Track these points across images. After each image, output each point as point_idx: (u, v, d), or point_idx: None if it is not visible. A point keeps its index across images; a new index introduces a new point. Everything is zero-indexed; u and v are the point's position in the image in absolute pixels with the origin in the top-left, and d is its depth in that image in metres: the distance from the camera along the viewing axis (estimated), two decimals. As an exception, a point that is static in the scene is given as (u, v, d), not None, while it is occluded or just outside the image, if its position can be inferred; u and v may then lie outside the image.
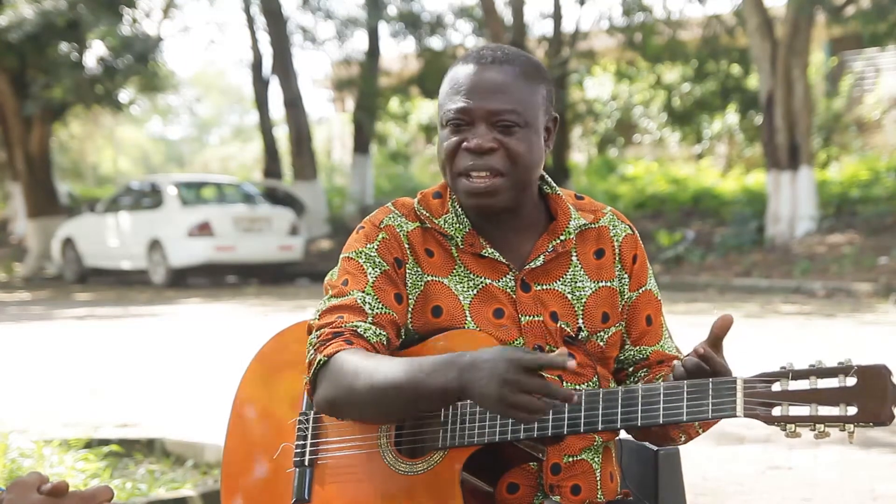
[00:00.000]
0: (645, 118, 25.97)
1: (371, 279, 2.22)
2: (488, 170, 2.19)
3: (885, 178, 19.18)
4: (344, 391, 2.09)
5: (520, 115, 2.19)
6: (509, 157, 2.19)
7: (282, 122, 27.87)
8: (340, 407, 2.12)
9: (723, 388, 2.00)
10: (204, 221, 18.52)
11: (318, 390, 2.14)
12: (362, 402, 2.08)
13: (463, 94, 2.21)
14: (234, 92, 52.51)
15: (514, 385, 1.92)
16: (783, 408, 1.95)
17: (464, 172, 2.21)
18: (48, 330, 12.63)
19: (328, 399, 2.12)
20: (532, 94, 2.22)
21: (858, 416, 1.92)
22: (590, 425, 2.06)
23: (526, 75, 2.22)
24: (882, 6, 16.98)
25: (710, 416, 1.99)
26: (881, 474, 5.46)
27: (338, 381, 2.10)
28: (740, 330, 10.89)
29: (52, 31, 20.03)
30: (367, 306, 2.19)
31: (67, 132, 31.97)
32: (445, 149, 2.23)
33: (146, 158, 47.79)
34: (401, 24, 23.33)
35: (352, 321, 2.17)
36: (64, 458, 4.85)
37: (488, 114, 2.19)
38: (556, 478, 2.23)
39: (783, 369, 1.98)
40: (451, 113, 2.21)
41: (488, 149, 2.19)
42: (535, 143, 2.22)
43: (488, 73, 2.21)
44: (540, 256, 2.27)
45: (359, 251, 2.25)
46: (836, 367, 1.96)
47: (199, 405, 7.53)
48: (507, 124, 2.19)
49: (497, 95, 2.19)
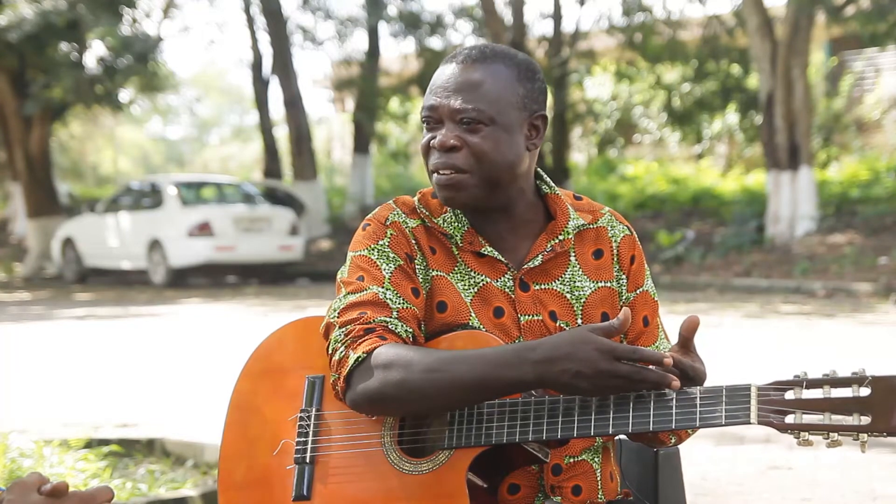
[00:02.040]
0: (645, 118, 25.96)
1: (387, 274, 2.21)
2: (451, 167, 2.20)
3: (885, 178, 19.18)
4: (394, 385, 2.07)
5: (483, 112, 2.19)
6: (473, 155, 2.20)
7: (282, 122, 27.85)
8: (388, 402, 2.09)
9: (737, 395, 2.00)
10: (204, 221, 18.52)
11: (358, 387, 2.11)
12: (419, 395, 2.07)
13: (433, 93, 2.23)
14: (234, 92, 52.51)
15: (607, 374, 1.97)
16: (796, 416, 1.96)
17: (433, 169, 2.23)
18: (48, 330, 12.63)
19: (373, 394, 2.09)
20: (506, 92, 2.21)
21: (872, 425, 1.93)
22: (600, 429, 2.05)
23: (502, 73, 2.22)
24: (882, 6, 16.98)
25: (723, 422, 1.99)
26: (881, 474, 5.46)
27: (386, 375, 2.08)
28: (741, 330, 10.89)
29: (52, 31, 20.02)
30: (390, 301, 2.18)
31: (67, 132, 31.96)
32: (422, 146, 2.27)
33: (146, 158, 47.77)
34: (401, 24, 23.32)
35: (379, 317, 2.16)
36: (64, 458, 4.85)
37: (451, 112, 2.20)
38: (556, 478, 2.23)
39: (797, 378, 1.99)
40: (423, 111, 2.25)
41: (450, 146, 2.20)
42: (504, 141, 2.21)
43: (460, 72, 2.22)
44: (538, 256, 2.27)
45: (371, 247, 2.24)
46: (851, 377, 1.96)
47: (199, 405, 7.53)
48: (469, 122, 2.19)
49: (462, 94, 2.20)
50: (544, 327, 2.24)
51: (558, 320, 2.25)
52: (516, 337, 2.23)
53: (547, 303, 2.26)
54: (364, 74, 23.93)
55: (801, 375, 1.99)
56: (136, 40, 20.70)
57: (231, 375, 2.43)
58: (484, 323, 2.22)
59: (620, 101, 25.96)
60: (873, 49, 21.59)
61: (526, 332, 2.23)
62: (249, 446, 2.32)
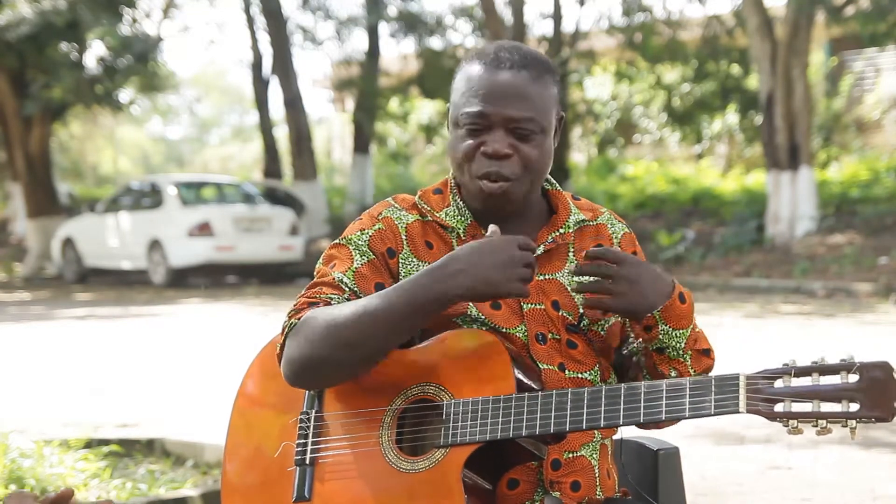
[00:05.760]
0: (645, 118, 25.97)
1: (356, 265, 2.26)
2: (503, 175, 2.22)
3: (885, 178, 19.18)
4: (318, 338, 2.12)
5: (537, 122, 2.22)
6: (522, 162, 2.23)
7: (282, 122, 27.86)
8: (312, 358, 2.13)
9: (725, 384, 2.01)
10: (204, 221, 18.52)
11: (288, 349, 2.17)
12: (340, 342, 2.10)
13: (480, 98, 2.22)
14: (234, 92, 52.50)
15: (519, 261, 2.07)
16: (785, 404, 1.96)
17: (483, 176, 2.23)
18: (48, 330, 12.63)
19: (298, 356, 2.14)
20: (546, 98, 2.25)
21: (861, 412, 1.93)
22: (592, 422, 2.07)
23: (541, 79, 2.24)
24: (882, 6, 16.99)
25: (712, 412, 2.00)
26: (881, 474, 5.46)
27: (312, 333, 2.13)
28: (741, 330, 10.89)
29: (52, 30, 20.02)
30: (344, 285, 2.23)
31: (67, 132, 31.96)
32: (462, 150, 2.25)
33: (146, 158, 47.78)
34: (401, 24, 23.33)
35: (327, 294, 2.22)
36: (64, 458, 4.85)
37: (506, 120, 2.21)
38: (556, 474, 2.23)
39: (786, 366, 1.99)
40: (467, 116, 2.23)
41: (504, 155, 2.22)
42: (548, 147, 2.26)
43: (505, 77, 2.22)
44: (541, 245, 2.30)
45: (349, 238, 2.30)
46: (839, 364, 1.97)
47: (199, 405, 7.54)
48: (525, 132, 2.22)
49: (515, 102, 2.21)
50: (546, 316, 2.26)
51: (561, 310, 2.27)
52: (518, 324, 2.24)
53: (549, 292, 2.28)
54: (364, 74, 23.93)
55: (789, 364, 1.99)
56: (136, 40, 20.69)
57: (231, 375, 2.43)
58: (481, 312, 2.23)
59: (620, 101, 25.97)
60: (873, 49, 21.60)
61: (528, 320, 2.25)
62: (253, 448, 2.33)
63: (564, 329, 2.26)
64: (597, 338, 2.30)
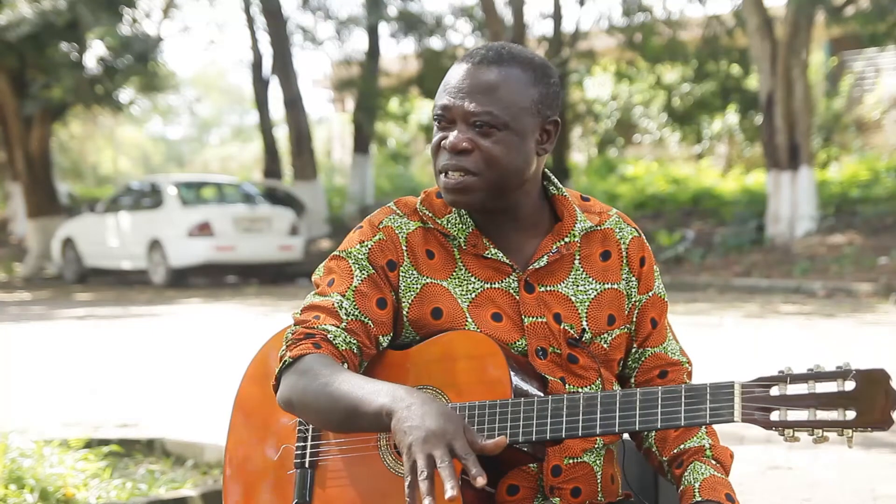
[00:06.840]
0: (645, 118, 25.97)
1: (356, 282, 2.22)
2: (461, 169, 2.17)
3: (885, 178, 19.18)
4: (298, 394, 2.12)
5: (497, 117, 2.16)
6: (484, 159, 2.17)
7: (282, 122, 27.88)
8: (295, 408, 2.16)
9: (720, 393, 1.98)
10: (204, 221, 18.52)
11: (280, 388, 2.18)
12: (311, 408, 2.12)
13: (447, 92, 2.20)
14: (234, 92, 52.50)
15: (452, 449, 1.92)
16: (781, 412, 1.94)
17: (442, 170, 2.20)
18: (48, 330, 12.63)
19: (285, 398, 2.16)
20: (521, 96, 2.18)
21: (857, 420, 1.90)
22: (588, 429, 2.05)
23: (518, 77, 2.18)
24: (882, 6, 16.98)
25: (707, 420, 1.98)
26: (881, 474, 5.46)
27: (296, 384, 2.13)
28: (741, 330, 10.89)
29: (52, 30, 20.02)
30: (343, 311, 2.19)
31: (67, 132, 31.99)
32: (432, 146, 2.24)
33: (146, 158, 47.76)
34: (400, 24, 23.33)
35: (324, 324, 2.18)
36: (64, 458, 4.84)
37: (466, 114, 2.17)
38: (556, 480, 2.22)
39: (781, 373, 1.96)
40: (435, 110, 2.22)
41: (462, 149, 2.17)
42: (516, 146, 2.18)
43: (477, 73, 2.18)
44: (543, 257, 2.25)
45: (349, 251, 2.25)
46: (835, 372, 1.94)
47: (199, 405, 7.53)
48: (483, 126, 2.16)
49: (478, 96, 2.16)
50: (548, 329, 2.23)
51: (563, 322, 2.24)
52: (518, 339, 2.22)
53: (552, 305, 2.25)
54: (364, 75, 23.94)
55: (785, 371, 1.97)
56: (136, 40, 20.70)
57: (231, 376, 2.43)
58: (483, 326, 2.21)
59: (620, 101, 25.98)
60: (873, 49, 21.62)
61: (530, 334, 2.22)
62: (252, 451, 2.33)
63: (566, 343, 2.23)
64: (599, 350, 2.27)
